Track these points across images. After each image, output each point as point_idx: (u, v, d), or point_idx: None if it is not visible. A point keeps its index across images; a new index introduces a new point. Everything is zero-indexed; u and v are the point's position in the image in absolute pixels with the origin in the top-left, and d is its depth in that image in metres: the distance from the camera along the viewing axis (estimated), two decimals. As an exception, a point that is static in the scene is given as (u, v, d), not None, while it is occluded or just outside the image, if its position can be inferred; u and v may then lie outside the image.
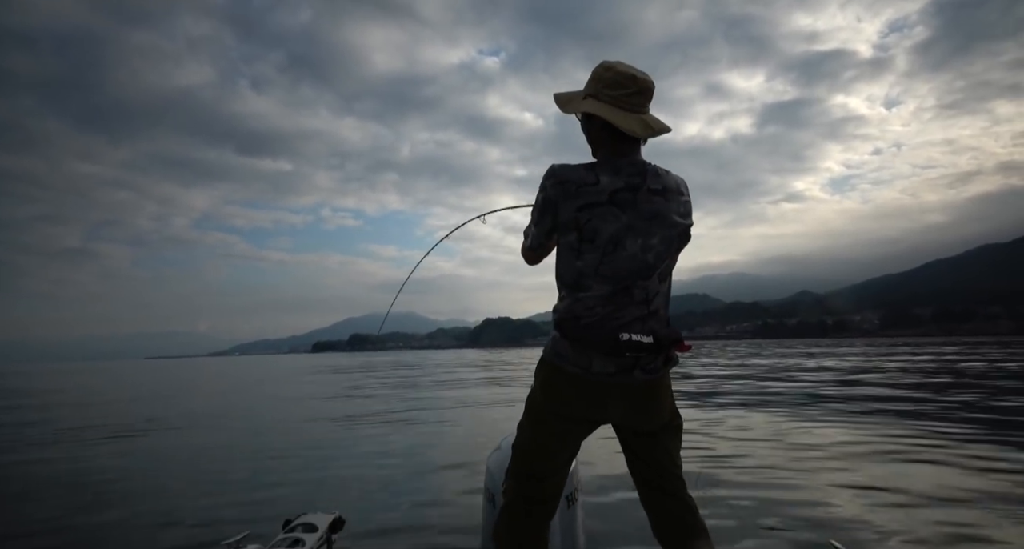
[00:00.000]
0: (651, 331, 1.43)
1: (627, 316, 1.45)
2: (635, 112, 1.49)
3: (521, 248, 1.71)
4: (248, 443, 6.73)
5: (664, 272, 1.53)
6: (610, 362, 1.45)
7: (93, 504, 4.04)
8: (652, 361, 1.49)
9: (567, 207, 1.47)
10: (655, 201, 1.47)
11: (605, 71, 1.50)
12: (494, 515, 1.80)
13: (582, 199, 1.46)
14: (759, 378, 14.66)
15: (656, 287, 1.50)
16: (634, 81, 1.48)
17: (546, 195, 1.51)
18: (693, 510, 1.59)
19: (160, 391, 17.55)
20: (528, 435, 1.59)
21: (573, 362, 1.48)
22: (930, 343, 59.87)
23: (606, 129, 1.50)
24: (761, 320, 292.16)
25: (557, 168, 1.51)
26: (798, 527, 3.12)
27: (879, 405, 8.39)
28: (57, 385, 24.77)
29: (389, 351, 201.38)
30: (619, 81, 1.48)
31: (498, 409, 9.57)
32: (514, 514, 1.59)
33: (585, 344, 1.44)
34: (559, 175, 1.49)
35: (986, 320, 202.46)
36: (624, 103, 1.48)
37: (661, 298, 1.53)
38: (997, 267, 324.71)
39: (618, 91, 1.48)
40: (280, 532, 2.17)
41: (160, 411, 11.04)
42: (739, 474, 4.33)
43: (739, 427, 6.62)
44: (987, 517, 3.23)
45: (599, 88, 1.51)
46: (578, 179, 1.47)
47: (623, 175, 1.47)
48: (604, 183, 1.46)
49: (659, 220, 1.47)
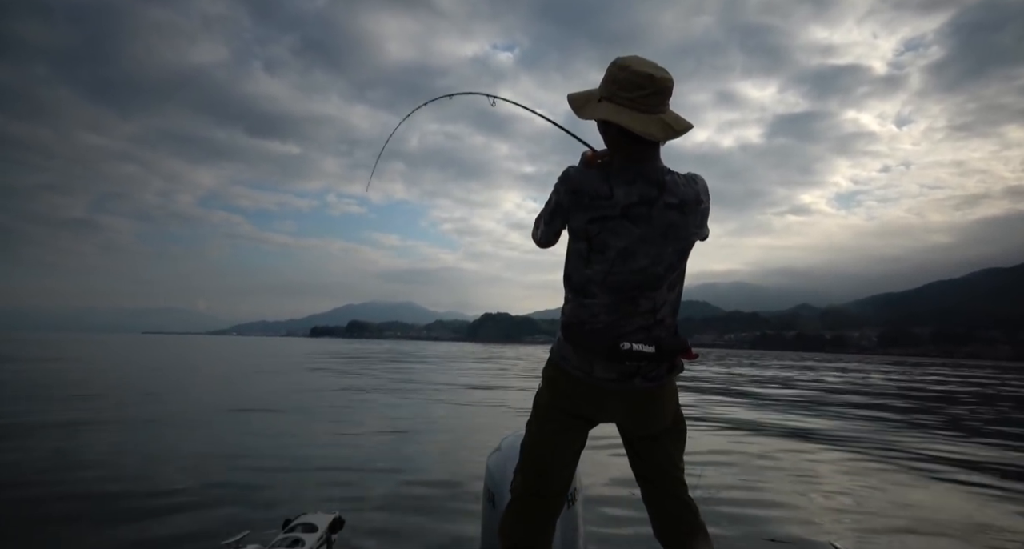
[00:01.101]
0: (655, 340, 1.43)
1: (631, 325, 1.46)
2: (653, 113, 1.41)
3: (532, 234, 1.68)
4: (240, 442, 6.65)
5: (674, 281, 1.52)
6: (611, 369, 1.46)
7: (82, 496, 3.92)
8: (654, 369, 1.49)
9: (578, 217, 1.46)
10: (670, 216, 1.44)
11: (620, 71, 1.42)
12: (494, 515, 1.84)
13: (594, 212, 1.43)
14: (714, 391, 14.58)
15: (664, 297, 1.50)
16: (651, 81, 1.40)
17: (559, 201, 1.50)
18: (693, 510, 1.60)
19: (141, 370, 17.54)
20: (535, 432, 1.61)
21: (575, 366, 1.50)
22: (922, 363, 60.52)
23: (624, 133, 1.43)
24: (760, 331, 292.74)
25: (572, 174, 1.48)
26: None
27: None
28: (55, 354, 24.95)
29: (386, 340, 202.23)
30: (635, 82, 1.40)
31: (498, 409, 9.53)
32: (521, 510, 1.61)
33: (587, 350, 1.46)
34: (572, 183, 1.46)
35: (985, 344, 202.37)
36: (642, 105, 1.41)
37: (668, 307, 1.52)
38: (999, 291, 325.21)
39: (635, 93, 1.40)
40: (280, 532, 2.15)
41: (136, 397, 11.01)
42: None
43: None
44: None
45: (614, 90, 1.43)
46: (592, 191, 1.43)
47: (638, 188, 1.43)
48: (618, 196, 1.42)
49: (673, 233, 1.45)
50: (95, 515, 3.41)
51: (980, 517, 3.83)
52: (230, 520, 3.27)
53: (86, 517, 3.38)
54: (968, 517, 3.81)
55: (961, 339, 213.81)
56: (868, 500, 4.16)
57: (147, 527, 3.23)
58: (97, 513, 3.46)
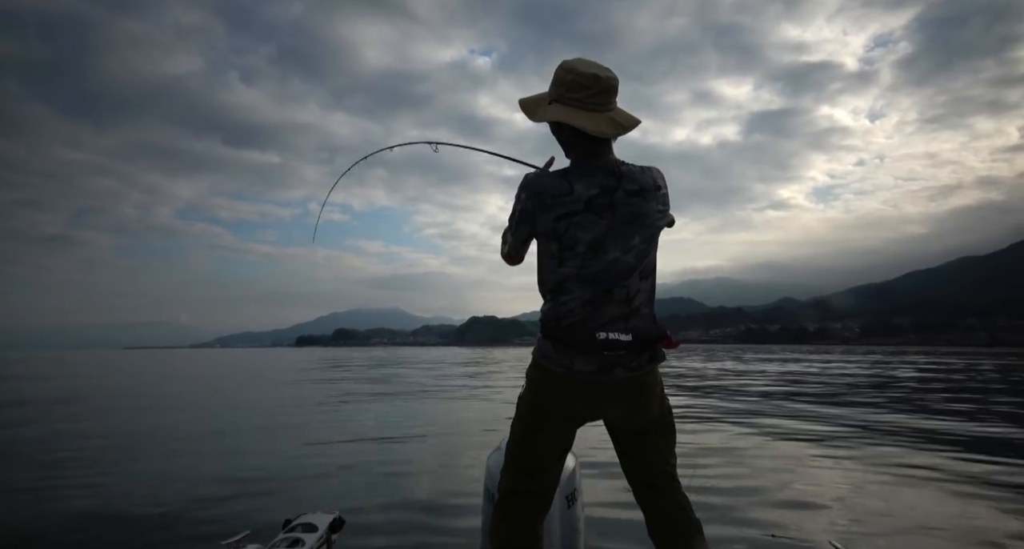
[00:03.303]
0: (632, 329, 1.45)
1: (607, 316, 1.46)
2: (602, 111, 1.47)
3: (500, 251, 1.72)
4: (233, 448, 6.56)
5: (646, 269, 1.53)
6: (591, 361, 1.46)
7: (87, 500, 3.90)
8: (634, 359, 1.48)
9: (544, 218, 1.48)
10: (633, 202, 1.47)
11: (566, 73, 1.48)
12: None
13: (558, 209, 1.46)
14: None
15: (637, 285, 1.50)
16: (596, 81, 1.45)
17: (523, 207, 1.51)
18: (686, 509, 1.58)
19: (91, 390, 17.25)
20: (519, 433, 1.60)
21: (556, 362, 1.49)
22: (905, 352, 61.50)
23: (576, 133, 1.48)
24: (744, 325, 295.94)
25: (531, 179, 1.51)
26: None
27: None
28: (36, 373, 24.39)
29: (374, 347, 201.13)
30: (581, 83, 1.46)
31: (498, 409, 9.50)
32: (508, 510, 1.59)
33: (565, 344, 1.46)
34: (533, 186, 1.49)
35: (964, 331, 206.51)
36: (590, 104, 1.46)
37: (643, 295, 1.52)
38: (975, 279, 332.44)
39: (581, 93, 1.46)
40: (280, 532, 2.14)
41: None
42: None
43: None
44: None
45: (562, 92, 1.48)
46: (553, 189, 1.46)
47: (597, 180, 1.46)
48: (579, 191, 1.45)
49: (639, 220, 1.48)
50: (95, 519, 3.38)
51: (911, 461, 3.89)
52: (230, 520, 3.27)
53: (87, 519, 3.36)
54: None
55: (940, 328, 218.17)
56: (843, 487, 4.22)
57: (147, 527, 3.21)
58: (98, 515, 3.44)
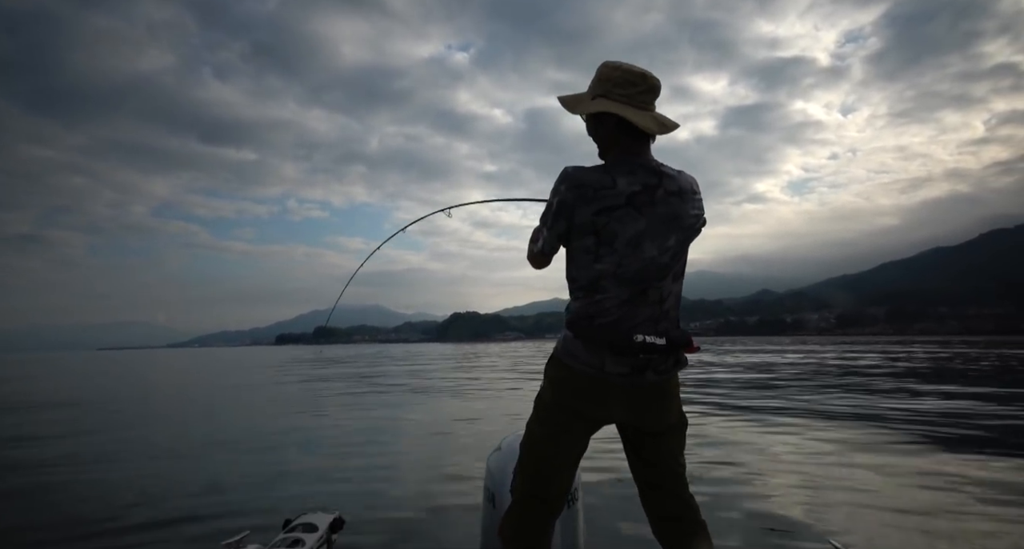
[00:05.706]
0: (664, 332, 1.43)
1: (641, 317, 1.45)
2: (646, 109, 1.50)
3: (528, 251, 1.65)
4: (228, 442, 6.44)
5: (678, 272, 1.53)
6: (623, 363, 1.44)
7: (87, 502, 3.87)
8: (663, 362, 1.48)
9: (584, 211, 1.45)
10: (672, 202, 1.48)
11: (613, 70, 1.49)
12: (495, 515, 1.84)
13: (600, 203, 1.44)
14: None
15: (670, 287, 1.51)
16: (644, 79, 1.49)
17: (562, 199, 1.48)
18: (693, 508, 1.59)
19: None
20: (537, 434, 1.58)
21: (585, 361, 1.46)
22: (876, 341, 63.31)
23: (621, 128, 1.49)
24: (724, 318, 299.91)
25: (572, 171, 1.49)
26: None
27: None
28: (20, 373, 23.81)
29: (355, 344, 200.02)
30: (629, 79, 1.48)
31: (497, 409, 9.49)
32: (522, 512, 1.58)
33: (599, 344, 1.44)
34: (575, 178, 1.47)
35: (935, 320, 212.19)
36: (636, 101, 1.48)
37: (673, 299, 1.53)
38: (946, 270, 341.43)
39: (629, 89, 1.47)
40: (280, 532, 2.11)
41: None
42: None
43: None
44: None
45: (609, 87, 1.49)
46: (595, 182, 1.45)
47: (639, 177, 1.46)
48: (621, 186, 1.45)
49: (676, 221, 1.48)
50: (94, 521, 3.38)
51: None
52: (230, 520, 3.25)
53: (86, 522, 3.37)
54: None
55: (913, 317, 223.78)
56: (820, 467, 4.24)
57: (147, 528, 3.23)
58: (97, 518, 3.45)
